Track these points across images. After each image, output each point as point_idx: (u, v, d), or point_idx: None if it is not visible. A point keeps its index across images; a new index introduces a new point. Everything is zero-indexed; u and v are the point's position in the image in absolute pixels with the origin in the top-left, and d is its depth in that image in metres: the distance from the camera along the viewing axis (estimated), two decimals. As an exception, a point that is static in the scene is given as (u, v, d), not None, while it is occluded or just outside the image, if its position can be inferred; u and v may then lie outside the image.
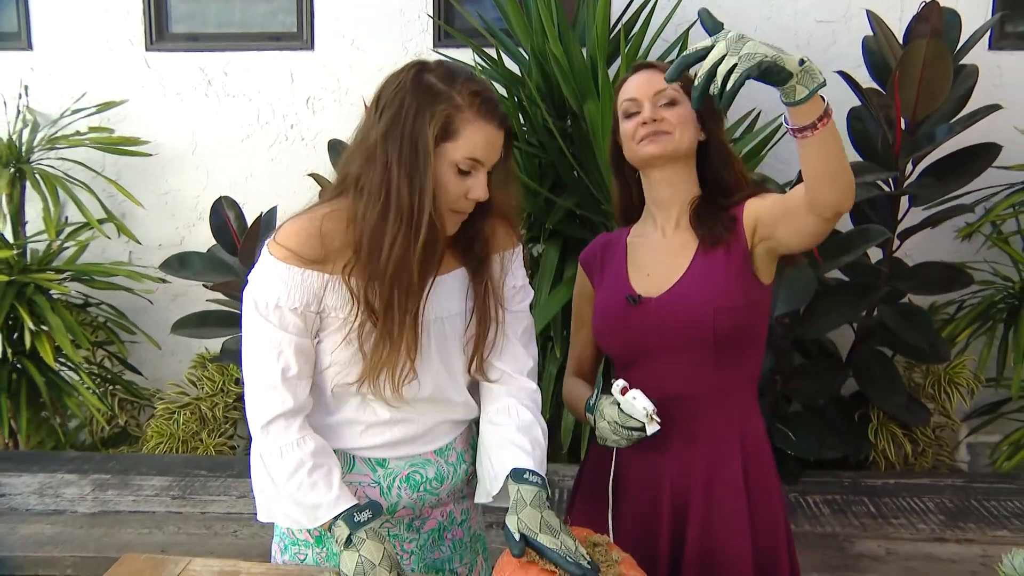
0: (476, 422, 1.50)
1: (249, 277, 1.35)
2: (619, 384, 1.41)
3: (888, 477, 3.06)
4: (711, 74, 1.14)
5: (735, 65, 1.12)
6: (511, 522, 1.27)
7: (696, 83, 1.16)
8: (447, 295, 1.41)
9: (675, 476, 1.51)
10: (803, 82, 1.17)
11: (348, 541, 1.25)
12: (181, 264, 3.26)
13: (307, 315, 1.33)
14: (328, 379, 1.36)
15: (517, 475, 1.33)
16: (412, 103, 1.29)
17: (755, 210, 1.46)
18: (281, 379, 1.32)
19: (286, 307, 1.31)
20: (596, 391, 1.48)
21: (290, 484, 1.31)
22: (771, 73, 1.14)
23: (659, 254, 1.55)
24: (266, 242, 1.35)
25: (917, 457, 3.26)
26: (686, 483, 1.50)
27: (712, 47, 1.15)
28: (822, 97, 1.20)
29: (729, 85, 1.13)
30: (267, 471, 1.34)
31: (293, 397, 1.32)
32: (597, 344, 1.64)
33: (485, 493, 1.40)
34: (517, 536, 1.26)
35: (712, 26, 1.18)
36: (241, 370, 1.51)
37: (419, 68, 1.32)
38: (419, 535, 1.46)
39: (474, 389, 1.49)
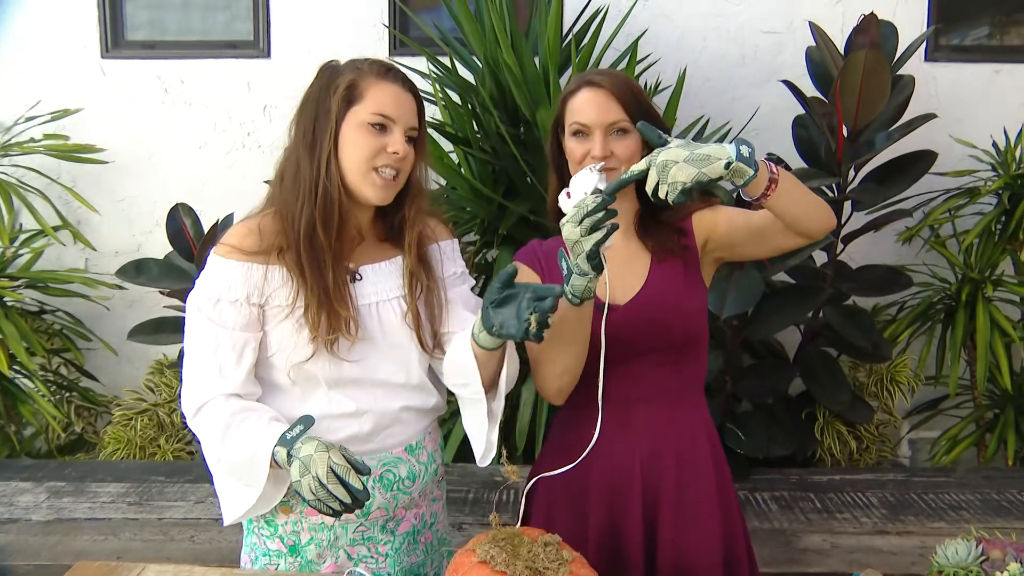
0: (441, 423, 1.53)
1: (195, 282, 1.39)
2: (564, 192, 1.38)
3: (833, 473, 3.11)
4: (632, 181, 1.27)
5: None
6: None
7: (618, 180, 1.28)
8: (385, 279, 1.44)
9: (646, 474, 1.50)
10: (736, 176, 1.24)
11: (289, 457, 1.24)
12: (137, 271, 3.24)
13: (249, 308, 1.36)
14: (280, 366, 1.38)
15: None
16: (317, 87, 1.39)
17: (708, 225, 1.50)
18: (217, 372, 1.35)
19: (226, 300, 1.35)
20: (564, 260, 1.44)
21: (225, 448, 1.32)
22: (703, 186, 1.23)
23: (612, 264, 1.53)
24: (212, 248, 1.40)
25: (861, 453, 3.31)
26: (656, 483, 1.50)
27: (647, 170, 1.25)
28: (766, 163, 1.27)
29: (664, 197, 1.24)
30: (209, 456, 1.34)
31: (228, 385, 1.35)
32: None
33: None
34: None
35: (654, 139, 1.28)
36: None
37: (324, 66, 1.41)
38: (394, 537, 1.46)
39: (435, 378, 1.51)
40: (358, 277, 1.42)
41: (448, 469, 2.91)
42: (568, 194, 1.34)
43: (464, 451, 3.14)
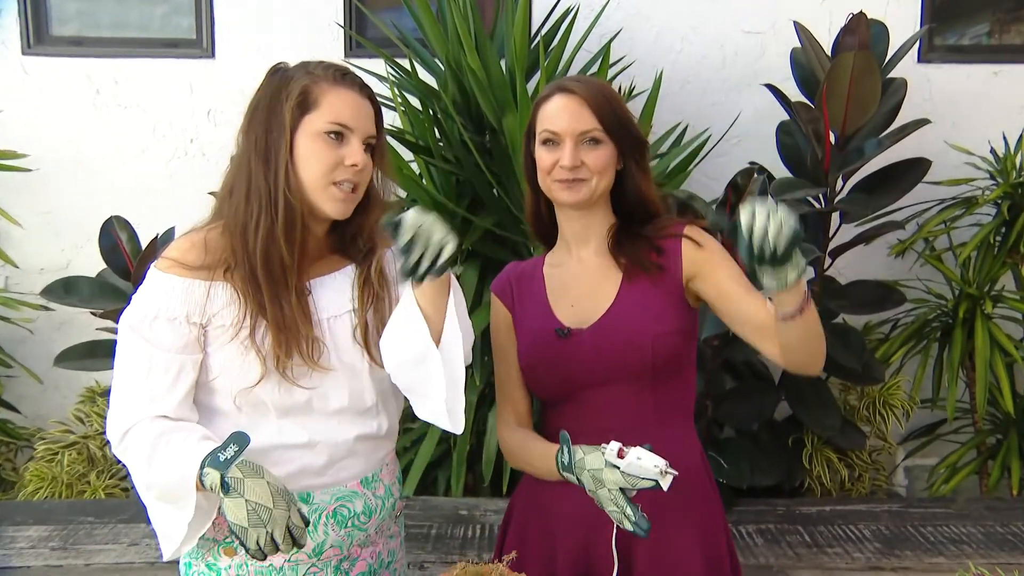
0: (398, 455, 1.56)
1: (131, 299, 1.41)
2: (612, 448, 1.40)
3: (824, 504, 3.17)
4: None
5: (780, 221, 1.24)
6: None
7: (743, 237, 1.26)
8: (335, 293, 1.48)
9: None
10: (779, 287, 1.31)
11: (224, 486, 1.21)
12: (67, 290, 3.24)
13: (188, 328, 1.38)
14: (224, 391, 1.41)
15: None
16: (267, 92, 1.42)
17: (699, 268, 1.55)
18: (148, 397, 1.36)
19: (164, 318, 1.37)
20: (565, 448, 1.47)
21: (153, 472, 1.31)
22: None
23: (580, 283, 1.61)
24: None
25: (854, 482, 3.39)
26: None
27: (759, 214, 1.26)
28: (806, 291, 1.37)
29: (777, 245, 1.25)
30: (139, 483, 1.35)
31: (159, 410, 1.36)
32: (526, 381, 1.66)
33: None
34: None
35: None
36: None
37: (274, 68, 1.46)
38: None
39: (388, 402, 1.54)
40: (308, 292, 1.45)
41: (409, 502, 2.98)
42: (621, 452, 1.37)
43: (425, 483, 3.20)
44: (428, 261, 1.29)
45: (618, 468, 1.38)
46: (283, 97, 1.39)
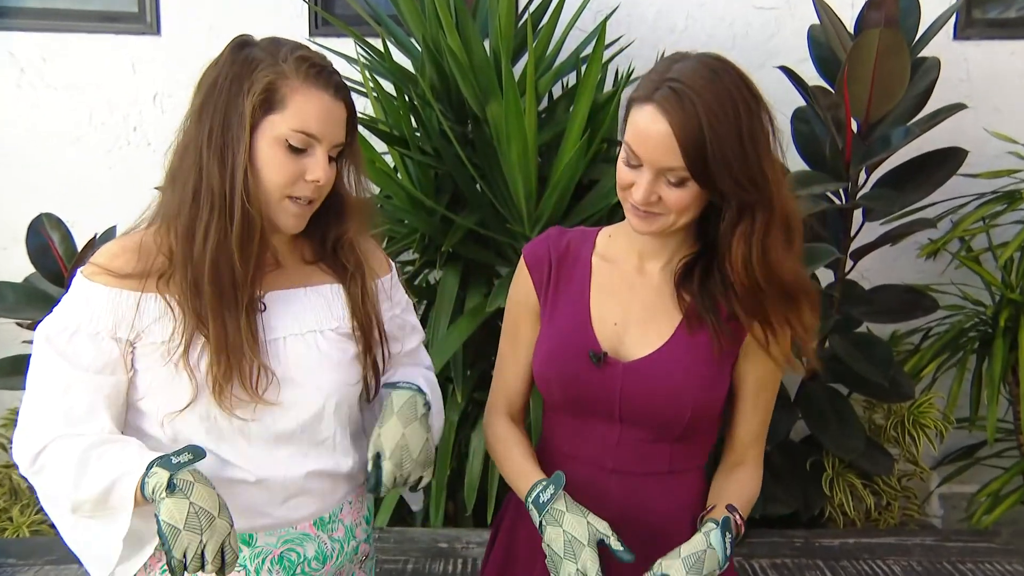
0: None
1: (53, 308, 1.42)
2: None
3: (847, 536, 3.22)
4: None
5: None
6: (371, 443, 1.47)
7: None
8: (302, 310, 1.50)
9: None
10: None
11: (170, 486, 1.24)
12: None
13: (112, 344, 1.37)
14: (151, 414, 1.42)
15: (390, 385, 1.52)
16: (227, 75, 1.39)
17: (762, 362, 1.58)
18: (63, 418, 1.36)
19: (86, 332, 1.36)
20: (552, 489, 1.51)
21: (84, 488, 1.32)
22: None
23: (634, 301, 1.61)
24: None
25: (881, 512, 3.43)
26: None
27: None
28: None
29: None
30: (60, 506, 1.36)
31: (78, 433, 1.36)
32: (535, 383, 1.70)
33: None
34: (370, 464, 1.45)
35: None
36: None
37: (239, 42, 1.44)
38: None
39: (358, 438, 1.59)
40: (262, 307, 1.45)
41: (382, 535, 3.03)
42: None
43: (401, 512, 3.26)
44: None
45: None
46: (245, 87, 1.38)
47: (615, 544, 1.44)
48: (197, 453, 1.30)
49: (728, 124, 1.42)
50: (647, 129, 1.44)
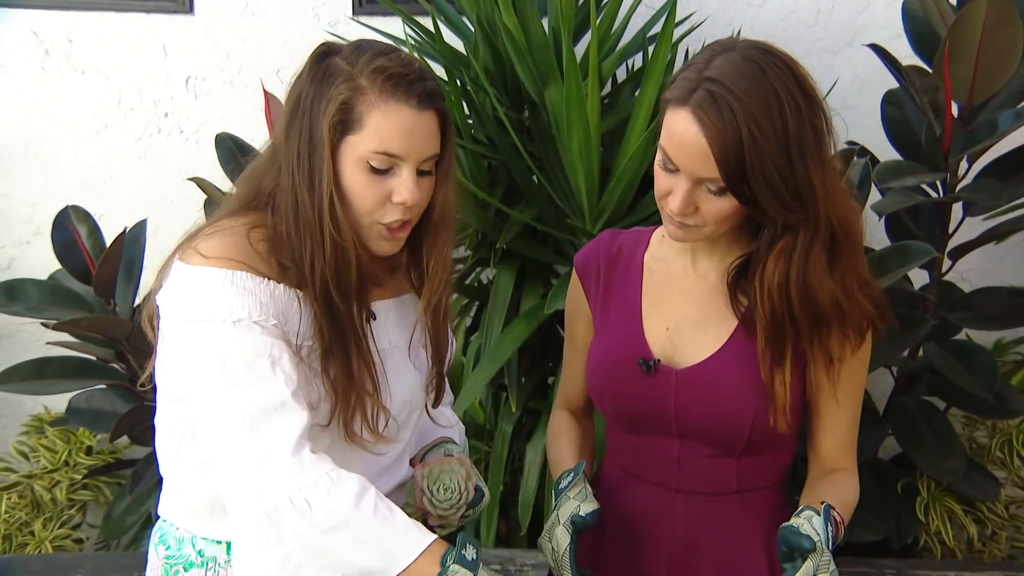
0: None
1: (174, 299, 1.43)
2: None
3: (946, 568, 3.18)
4: None
5: None
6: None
7: None
8: (395, 321, 1.60)
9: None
10: None
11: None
12: (9, 295, 3.29)
13: (285, 335, 1.43)
14: None
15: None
16: (308, 92, 1.44)
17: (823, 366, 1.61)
18: (289, 393, 1.38)
19: (263, 322, 1.40)
20: (571, 473, 1.59)
21: (361, 511, 1.35)
22: None
23: (688, 302, 1.65)
24: (178, 258, 1.45)
25: (986, 542, 3.39)
26: None
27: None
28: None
29: None
30: (310, 514, 1.35)
31: (306, 412, 1.40)
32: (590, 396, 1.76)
33: None
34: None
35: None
36: (160, 431, 1.60)
37: (320, 52, 1.48)
38: None
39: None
40: (373, 316, 1.54)
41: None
42: None
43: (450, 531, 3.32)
44: None
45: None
46: (323, 105, 1.42)
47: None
48: (476, 544, 1.39)
49: (772, 133, 1.41)
50: (682, 136, 1.44)
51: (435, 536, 1.37)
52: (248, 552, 1.44)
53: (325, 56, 1.47)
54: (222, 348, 1.38)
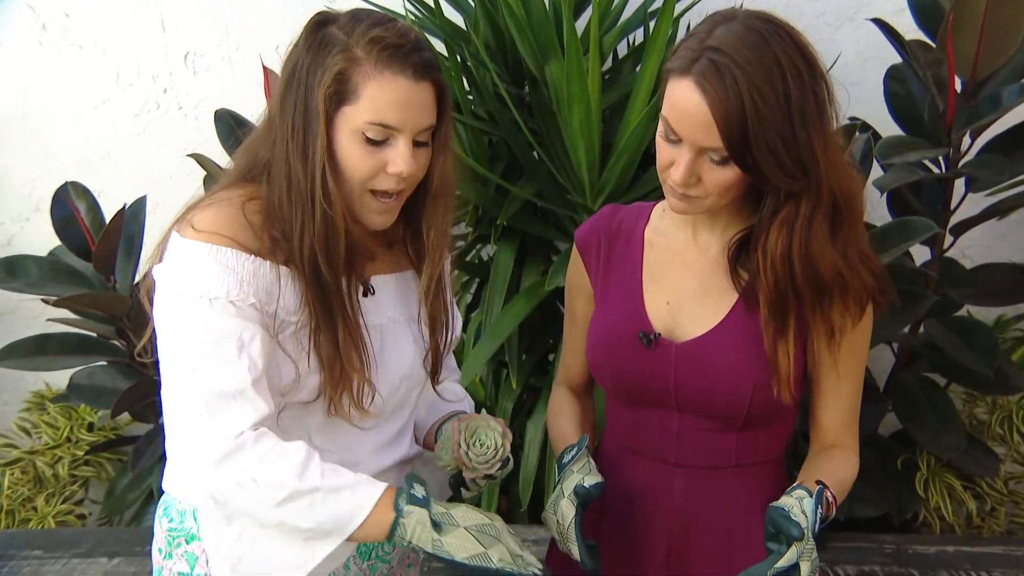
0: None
1: (163, 270, 1.45)
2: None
3: (945, 543, 3.21)
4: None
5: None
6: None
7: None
8: (393, 297, 1.61)
9: (672, 545, 1.69)
10: None
11: (435, 525, 1.38)
12: (9, 271, 3.31)
13: (264, 315, 1.44)
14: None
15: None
16: (304, 61, 1.44)
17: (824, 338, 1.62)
18: (250, 382, 1.39)
19: (240, 303, 1.41)
20: (574, 451, 1.62)
21: (308, 479, 1.37)
22: None
23: (688, 276, 1.66)
24: (175, 230, 1.46)
25: (985, 518, 3.42)
26: (685, 557, 1.68)
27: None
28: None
29: None
30: (258, 491, 1.38)
31: (265, 403, 1.41)
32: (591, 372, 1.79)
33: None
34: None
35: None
36: (167, 411, 1.54)
37: (316, 21, 1.48)
38: None
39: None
40: (371, 291, 1.56)
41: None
42: None
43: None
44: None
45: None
46: (317, 77, 1.42)
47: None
48: (423, 481, 1.44)
49: (774, 101, 1.42)
50: (684, 106, 1.45)
51: (385, 484, 1.41)
52: (204, 530, 1.50)
53: (321, 25, 1.47)
54: (194, 324, 1.39)
